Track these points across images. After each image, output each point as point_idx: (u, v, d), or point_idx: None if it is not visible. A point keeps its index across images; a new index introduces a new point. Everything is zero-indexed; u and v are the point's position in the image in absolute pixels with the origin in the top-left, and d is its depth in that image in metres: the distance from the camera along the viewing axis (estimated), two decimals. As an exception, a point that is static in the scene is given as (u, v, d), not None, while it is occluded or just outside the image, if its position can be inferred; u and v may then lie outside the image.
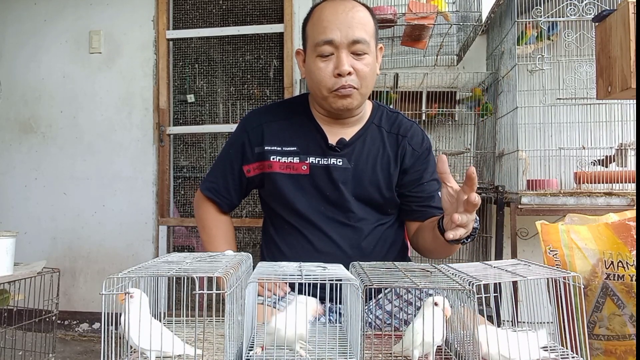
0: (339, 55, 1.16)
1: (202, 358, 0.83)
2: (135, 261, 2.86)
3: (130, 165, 3.08)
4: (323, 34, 1.17)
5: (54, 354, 2.12)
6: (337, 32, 1.15)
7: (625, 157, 2.18)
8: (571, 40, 2.20)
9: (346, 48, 1.16)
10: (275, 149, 1.28)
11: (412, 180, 1.29)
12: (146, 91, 3.08)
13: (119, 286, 0.74)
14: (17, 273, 1.90)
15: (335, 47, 1.16)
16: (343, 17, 1.16)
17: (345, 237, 1.25)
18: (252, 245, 3.11)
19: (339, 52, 1.16)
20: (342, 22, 1.16)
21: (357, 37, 1.16)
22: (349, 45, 1.16)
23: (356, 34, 1.16)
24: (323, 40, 1.16)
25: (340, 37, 1.15)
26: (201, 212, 1.40)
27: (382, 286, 0.76)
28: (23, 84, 3.18)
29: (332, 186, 1.26)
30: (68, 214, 3.11)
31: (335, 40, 1.16)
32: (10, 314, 2.10)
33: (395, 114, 1.34)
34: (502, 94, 2.48)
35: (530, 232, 2.37)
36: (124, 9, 3.10)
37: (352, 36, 1.15)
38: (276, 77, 3.14)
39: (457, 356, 0.85)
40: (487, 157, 2.60)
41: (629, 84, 1.26)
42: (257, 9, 3.13)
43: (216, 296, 0.72)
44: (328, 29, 1.16)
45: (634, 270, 1.23)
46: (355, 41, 1.16)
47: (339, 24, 1.16)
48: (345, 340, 0.90)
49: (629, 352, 1.27)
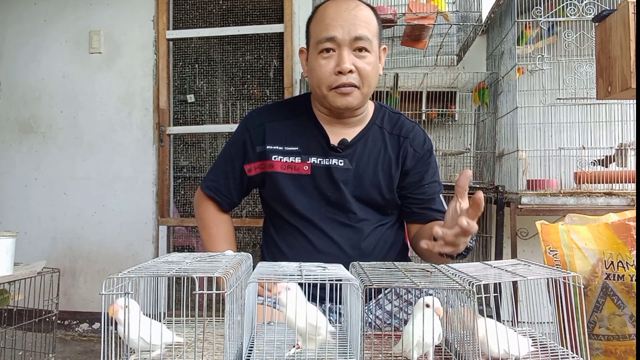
0: (340, 53, 1.17)
1: (198, 358, 0.82)
2: (135, 261, 2.86)
3: (130, 165, 3.08)
4: (325, 30, 1.17)
5: (54, 354, 2.12)
6: (339, 29, 1.16)
7: (625, 157, 2.18)
8: (571, 40, 2.20)
9: (348, 46, 1.16)
10: (276, 148, 1.28)
11: (413, 182, 1.29)
12: (146, 91, 3.08)
13: (119, 286, 0.74)
14: (17, 273, 1.90)
15: (337, 44, 1.17)
16: (346, 14, 1.17)
17: (346, 238, 1.25)
18: (252, 245, 3.11)
19: (340, 49, 1.17)
20: (345, 19, 1.16)
21: (360, 34, 1.16)
22: (351, 43, 1.16)
23: (358, 31, 1.16)
24: (325, 37, 1.17)
25: (342, 34, 1.16)
26: (201, 211, 1.39)
27: (382, 286, 0.76)
28: (23, 84, 3.18)
29: (333, 187, 1.26)
30: (68, 214, 3.12)
31: (337, 37, 1.16)
32: (10, 314, 2.10)
33: (397, 115, 1.34)
34: (502, 94, 2.48)
35: (530, 232, 2.37)
36: (124, 9, 3.11)
37: (355, 33, 1.16)
38: (276, 77, 3.14)
39: (457, 356, 0.85)
40: (487, 157, 2.60)
41: (629, 84, 1.26)
42: (257, 9, 3.13)
43: (216, 296, 0.72)
44: (330, 26, 1.17)
45: (634, 270, 1.23)
46: (358, 38, 1.16)
47: (342, 21, 1.16)
48: (345, 340, 0.90)
49: (629, 352, 1.27)
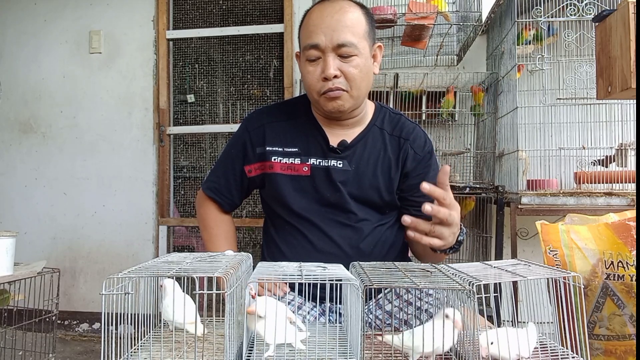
0: (325, 59, 1.16)
1: (198, 358, 0.82)
2: (135, 261, 2.87)
3: (130, 165, 3.08)
4: (309, 38, 1.17)
5: (54, 354, 2.12)
6: (321, 37, 1.15)
7: (625, 157, 2.18)
8: (571, 40, 2.20)
9: (332, 52, 1.16)
10: (276, 149, 1.28)
11: (414, 184, 1.28)
12: (146, 91, 3.08)
13: (119, 286, 0.74)
14: (17, 273, 1.90)
15: (321, 51, 1.16)
16: (328, 20, 1.16)
17: (346, 238, 1.25)
18: (252, 245, 3.11)
19: (325, 55, 1.16)
20: (328, 26, 1.15)
21: (342, 40, 1.15)
22: (335, 49, 1.16)
23: (341, 38, 1.15)
24: (309, 44, 1.17)
25: (325, 42, 1.15)
26: (202, 212, 1.40)
27: (382, 286, 0.76)
28: (23, 84, 3.18)
29: (332, 188, 1.26)
30: (68, 214, 3.11)
31: (320, 44, 1.16)
32: (10, 314, 2.10)
33: (397, 116, 1.34)
34: (502, 94, 2.48)
35: (530, 232, 2.37)
36: (124, 9, 3.10)
37: (337, 40, 1.15)
38: (276, 77, 3.14)
39: (457, 356, 0.85)
40: (487, 157, 2.60)
41: (629, 84, 1.26)
42: (257, 9, 3.13)
43: (216, 296, 0.72)
44: (314, 34, 1.16)
45: (634, 270, 1.23)
46: (341, 45, 1.15)
47: (325, 27, 1.16)
48: (345, 340, 0.90)
49: (629, 352, 1.27)
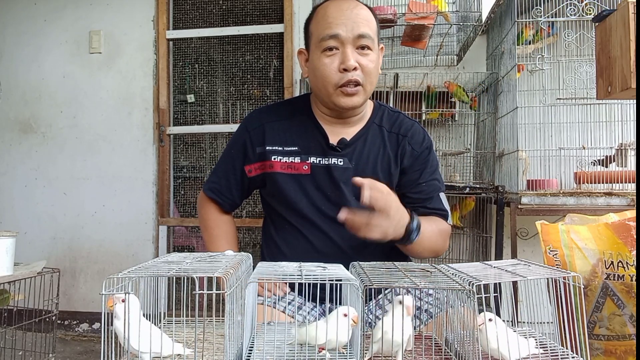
0: (344, 51, 1.18)
1: (198, 358, 0.82)
2: (135, 261, 2.87)
3: (130, 165, 3.08)
4: (328, 28, 1.18)
5: (54, 354, 2.12)
6: (342, 27, 1.17)
7: (625, 157, 2.18)
8: (571, 40, 2.19)
9: (351, 43, 1.18)
10: (276, 148, 1.28)
11: (411, 180, 1.29)
12: (146, 91, 3.08)
13: (119, 286, 0.74)
14: (17, 273, 1.90)
15: (341, 42, 1.18)
16: (348, 13, 1.19)
17: (346, 237, 1.25)
18: (252, 245, 3.11)
19: (344, 47, 1.18)
20: (348, 17, 1.18)
21: (362, 32, 1.18)
22: (354, 41, 1.18)
23: (361, 29, 1.18)
24: (329, 34, 1.18)
25: (345, 32, 1.17)
26: (203, 212, 1.40)
27: (382, 286, 0.76)
28: (23, 84, 3.18)
29: (333, 186, 1.26)
30: (68, 214, 3.11)
31: (341, 34, 1.17)
32: (10, 314, 2.10)
33: (396, 114, 1.35)
34: (502, 94, 2.48)
35: (530, 232, 2.37)
36: (124, 9, 3.10)
37: (358, 31, 1.17)
38: (276, 77, 3.14)
39: (457, 356, 0.85)
40: (487, 157, 2.60)
41: (629, 84, 1.26)
42: (257, 9, 3.13)
43: (216, 296, 0.72)
44: (334, 24, 1.18)
45: (634, 270, 1.22)
46: (361, 35, 1.18)
47: (345, 19, 1.18)
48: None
49: (629, 352, 1.27)
